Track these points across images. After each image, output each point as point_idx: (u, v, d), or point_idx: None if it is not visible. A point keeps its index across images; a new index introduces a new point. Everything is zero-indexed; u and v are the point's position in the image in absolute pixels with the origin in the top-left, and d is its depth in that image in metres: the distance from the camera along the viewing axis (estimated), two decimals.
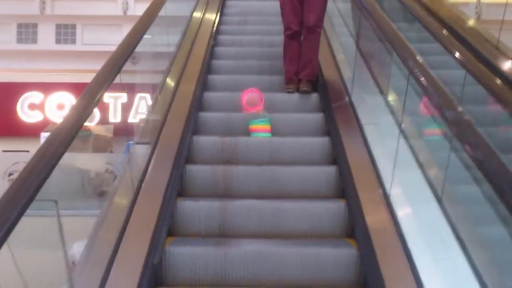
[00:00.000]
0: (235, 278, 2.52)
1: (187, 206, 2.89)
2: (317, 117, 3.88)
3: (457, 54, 2.96)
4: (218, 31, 5.43)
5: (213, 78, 4.46)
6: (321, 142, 3.54)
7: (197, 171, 3.20)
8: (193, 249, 2.61)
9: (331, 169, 3.23)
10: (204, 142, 3.49)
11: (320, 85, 4.23)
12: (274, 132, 3.68)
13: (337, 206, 2.92)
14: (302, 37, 4.15)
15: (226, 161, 3.36)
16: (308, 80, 4.12)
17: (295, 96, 4.12)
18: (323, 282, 2.50)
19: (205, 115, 3.85)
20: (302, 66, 4.11)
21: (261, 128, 3.64)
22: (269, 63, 4.64)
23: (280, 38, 4.30)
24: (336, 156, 3.35)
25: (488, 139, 1.96)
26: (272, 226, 2.87)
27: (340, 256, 2.56)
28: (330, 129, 3.65)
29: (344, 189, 3.05)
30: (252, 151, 3.45)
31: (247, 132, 3.64)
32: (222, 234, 2.85)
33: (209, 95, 4.15)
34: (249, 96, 3.72)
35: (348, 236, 2.81)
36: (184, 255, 2.55)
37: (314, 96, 4.14)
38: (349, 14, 4.82)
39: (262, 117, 3.66)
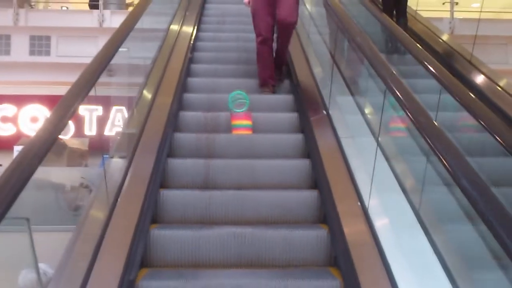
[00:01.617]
0: (218, 216, 3.00)
1: (176, 163, 3.36)
2: (287, 98, 4.41)
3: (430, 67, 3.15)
4: (199, 29, 5.96)
5: (196, 67, 4.96)
6: (291, 117, 4.08)
7: (184, 138, 3.68)
8: (183, 192, 3.09)
9: (299, 136, 3.78)
10: (189, 116, 4.00)
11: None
12: (251, 110, 4.06)
13: (303, 164, 3.43)
14: (276, 38, 4.46)
15: (209, 131, 3.84)
16: (280, 66, 4.54)
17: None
18: (291, 218, 3.02)
19: (189, 96, 4.36)
20: (275, 59, 4.46)
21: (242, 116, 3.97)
22: (246, 55, 5.12)
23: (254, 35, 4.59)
24: (303, 128, 3.88)
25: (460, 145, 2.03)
26: (249, 179, 3.34)
27: (304, 198, 3.08)
28: (298, 109, 4.22)
29: (310, 152, 3.57)
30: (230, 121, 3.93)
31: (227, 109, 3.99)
32: (206, 186, 3.30)
33: (193, 80, 4.66)
34: (235, 99, 3.88)
35: (312, 187, 3.27)
36: (175, 199, 3.02)
37: (286, 82, 4.68)
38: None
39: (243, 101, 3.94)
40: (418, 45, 3.81)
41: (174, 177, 3.31)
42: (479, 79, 4.79)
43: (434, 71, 3.14)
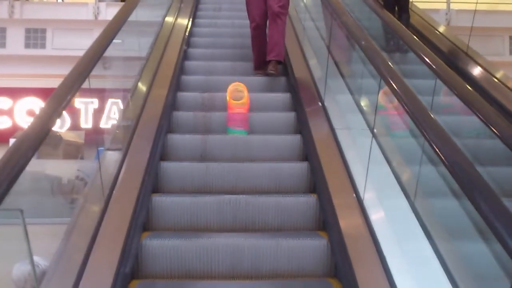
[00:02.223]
0: (215, 185, 3.20)
1: (176, 138, 3.59)
2: (281, 79, 4.55)
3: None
4: (195, 16, 6.27)
5: (193, 51, 5.20)
6: (284, 97, 4.28)
7: (182, 116, 3.91)
8: (182, 164, 3.31)
9: (291, 115, 3.97)
10: (187, 96, 4.23)
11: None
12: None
13: (295, 139, 3.66)
14: (268, 25, 4.52)
15: (206, 110, 4.06)
16: (276, 60, 4.44)
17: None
18: (283, 187, 3.25)
19: (187, 78, 4.59)
20: (269, 49, 4.43)
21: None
22: (240, 40, 5.40)
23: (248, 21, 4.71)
24: (296, 108, 4.04)
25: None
26: (244, 153, 3.52)
27: (296, 169, 3.32)
28: (290, 89, 4.36)
29: (301, 130, 3.74)
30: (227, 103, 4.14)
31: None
32: (204, 159, 3.50)
33: (190, 64, 4.90)
34: (234, 89, 3.95)
35: (302, 160, 3.45)
36: (175, 170, 3.24)
37: (279, 67, 4.70)
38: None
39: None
40: (420, 42, 3.68)
41: (173, 151, 3.53)
42: (476, 70, 4.79)
43: (437, 70, 3.04)
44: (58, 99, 2.07)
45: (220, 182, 3.21)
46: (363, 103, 3.56)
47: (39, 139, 1.81)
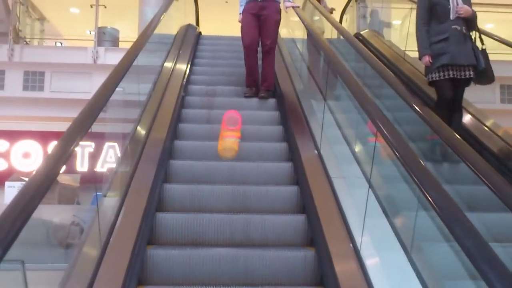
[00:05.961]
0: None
1: (188, 112, 4.93)
2: (270, 100, 5.36)
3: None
4: (199, 43, 7.75)
5: (199, 61, 6.61)
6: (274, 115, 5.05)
7: (192, 99, 5.21)
8: (194, 125, 4.63)
9: (280, 127, 4.73)
10: (195, 88, 5.54)
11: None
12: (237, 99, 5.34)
13: (276, 114, 4.96)
14: (261, 55, 5.27)
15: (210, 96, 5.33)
16: (267, 89, 5.27)
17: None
18: (264, 138, 4.47)
19: (194, 77, 5.89)
20: (262, 79, 5.27)
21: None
22: (236, 55, 6.59)
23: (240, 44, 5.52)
24: (285, 131, 4.64)
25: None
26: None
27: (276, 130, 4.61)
28: (279, 108, 5.15)
29: (292, 157, 4.21)
30: (225, 92, 5.46)
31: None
32: (209, 123, 4.70)
33: (196, 69, 6.24)
34: (229, 115, 4.40)
35: (292, 184, 3.87)
36: (189, 128, 4.58)
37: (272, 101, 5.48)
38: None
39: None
40: (475, 153, 2.86)
41: (187, 119, 4.79)
42: (466, 118, 4.89)
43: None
44: (62, 151, 2.11)
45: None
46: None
47: (44, 189, 1.84)
